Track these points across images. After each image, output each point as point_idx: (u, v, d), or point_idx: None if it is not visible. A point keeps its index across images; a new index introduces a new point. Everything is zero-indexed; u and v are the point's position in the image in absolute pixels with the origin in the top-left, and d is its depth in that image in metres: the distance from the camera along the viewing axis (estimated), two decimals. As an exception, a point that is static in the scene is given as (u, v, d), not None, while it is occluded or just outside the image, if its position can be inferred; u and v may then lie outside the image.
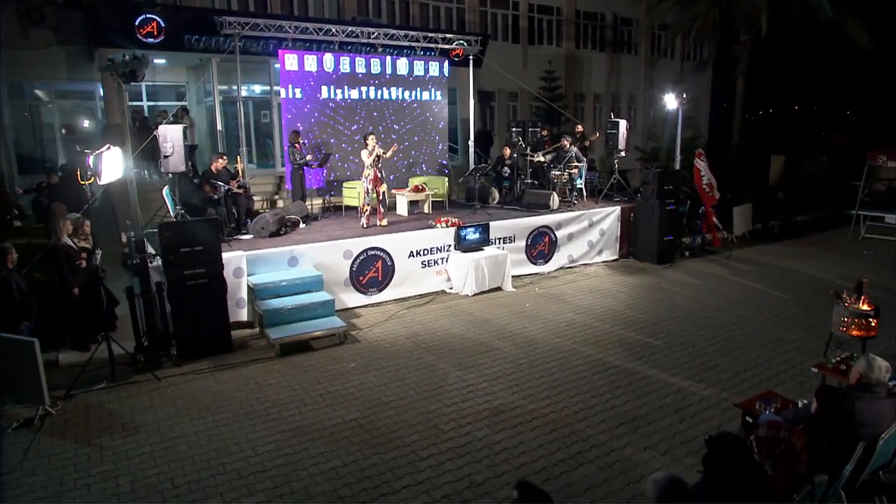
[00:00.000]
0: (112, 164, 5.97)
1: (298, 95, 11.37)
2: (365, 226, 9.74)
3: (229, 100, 17.93)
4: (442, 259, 9.59)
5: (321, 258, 8.46)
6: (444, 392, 6.02)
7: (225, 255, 7.78)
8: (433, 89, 13.15)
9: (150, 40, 12.50)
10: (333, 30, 11.43)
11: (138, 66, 6.28)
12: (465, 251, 9.57)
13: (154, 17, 12.34)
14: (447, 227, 9.59)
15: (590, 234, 11.26)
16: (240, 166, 10.08)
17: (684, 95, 11.61)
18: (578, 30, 23.22)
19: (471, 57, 13.23)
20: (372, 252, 8.86)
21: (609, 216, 11.47)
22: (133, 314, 6.81)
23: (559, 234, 10.81)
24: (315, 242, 8.63)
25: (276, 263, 8.18)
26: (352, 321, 8.24)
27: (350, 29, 11.68)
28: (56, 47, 14.33)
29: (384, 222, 9.89)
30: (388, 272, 9.06)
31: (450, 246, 9.62)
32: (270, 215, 9.00)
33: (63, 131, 15.58)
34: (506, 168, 12.70)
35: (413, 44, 12.36)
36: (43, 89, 15.54)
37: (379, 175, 9.83)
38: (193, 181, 8.62)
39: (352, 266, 8.70)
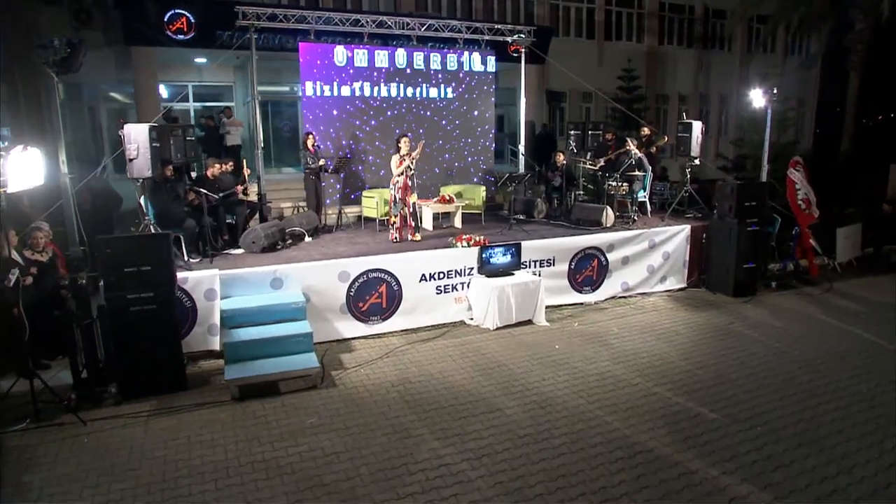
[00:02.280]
0: (27, 169, 4.99)
1: (320, 93, 10.27)
2: (396, 240, 8.50)
3: (276, 99, 17.39)
4: (462, 284, 8.11)
5: (311, 280, 7.22)
6: (404, 474, 4.55)
7: (195, 275, 6.73)
8: (480, 86, 11.69)
9: (181, 37, 11.89)
10: (362, 20, 10.24)
11: (73, 53, 5.29)
12: (489, 276, 8.05)
13: (183, 12, 11.69)
14: (469, 246, 8.10)
15: (650, 257, 9.39)
16: (246, 172, 9.08)
17: (774, 91, 9.46)
18: (662, 24, 21.01)
19: (524, 50, 11.65)
20: (374, 275, 7.53)
21: (676, 237, 9.53)
22: (71, 343, 5.84)
23: (611, 256, 9.03)
24: (308, 261, 7.41)
25: (256, 285, 7.02)
26: (341, 356, 6.94)
27: (381, 19, 10.45)
28: (105, 48, 14.11)
29: (417, 237, 8.62)
30: (395, 298, 7.69)
31: (472, 269, 8.13)
32: (263, 228, 7.89)
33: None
34: (556, 177, 11.02)
35: (454, 35, 10.95)
36: (119, 91, 15.49)
37: (409, 183, 8.54)
38: (177, 188, 7.65)
39: (349, 290, 7.41)
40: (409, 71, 10.95)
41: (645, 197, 10.44)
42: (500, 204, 12.41)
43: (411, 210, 8.59)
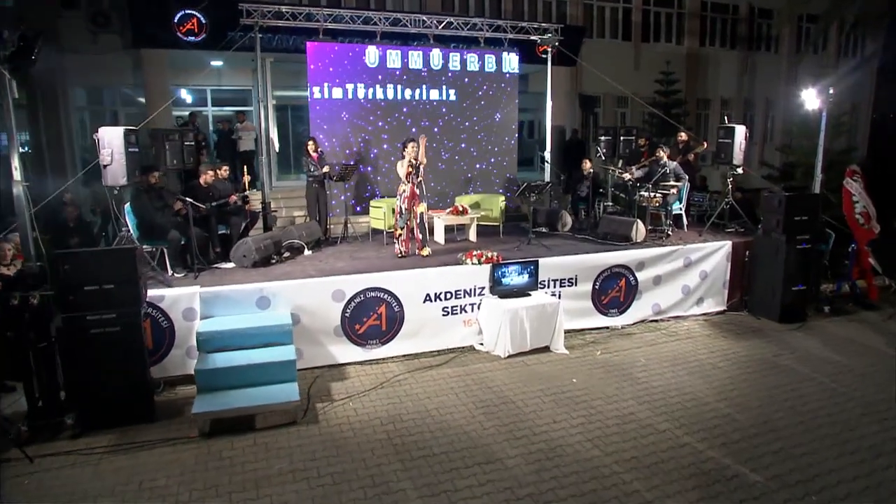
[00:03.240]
0: None
1: (328, 95, 9.66)
2: (402, 254, 7.78)
3: (296, 104, 16.90)
4: (472, 305, 7.33)
5: (302, 299, 6.55)
6: (375, 545, 3.81)
7: (172, 292, 6.14)
8: (502, 89, 10.92)
9: (192, 38, 11.46)
10: (375, 18, 9.60)
11: (25, 47, 4.74)
12: (502, 296, 7.25)
13: (193, 13, 11.26)
14: (480, 263, 7.32)
15: (686, 276, 8.44)
16: (245, 179, 8.50)
17: (831, 91, 8.41)
18: (704, 24, 19.83)
19: (550, 49, 10.83)
20: (372, 294, 6.81)
21: (715, 254, 8.56)
22: (25, 368, 5.28)
23: (641, 276, 8.13)
24: (301, 278, 6.75)
25: (240, 304, 6.38)
26: (331, 385, 6.24)
27: (395, 16, 9.78)
28: (122, 52, 13.84)
29: (426, 252, 7.86)
30: (395, 320, 6.96)
31: (483, 289, 7.34)
32: (255, 240, 7.27)
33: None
34: (583, 186, 10.15)
35: (475, 34, 10.21)
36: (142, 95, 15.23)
37: (416, 192, 7.82)
38: (164, 196, 7.09)
39: (344, 311, 6.72)
40: (424, 72, 10.26)
41: (681, 209, 9.49)
42: (524, 215, 11.59)
43: (419, 221, 7.85)
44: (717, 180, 14.66)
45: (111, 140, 5.96)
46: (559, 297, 7.61)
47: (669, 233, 8.98)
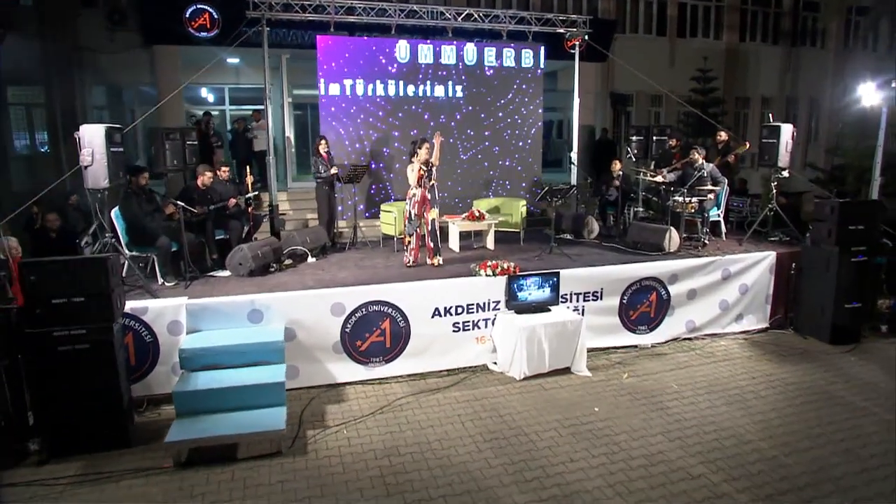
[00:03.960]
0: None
1: (339, 92, 9.15)
2: (410, 263, 7.21)
3: (315, 102, 16.46)
4: (486, 321, 6.70)
5: (298, 313, 6.01)
6: None
7: (157, 304, 5.67)
8: (526, 85, 10.27)
9: (204, 34, 11.07)
10: (389, 10, 9.04)
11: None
12: (519, 312, 6.60)
13: (205, 7, 10.88)
14: (494, 274, 6.68)
15: (724, 290, 7.66)
16: (248, 180, 8.03)
17: (894, 85, 7.53)
18: (745, 18, 18.83)
19: (578, 44, 10.12)
20: (375, 308, 6.24)
21: (757, 266, 7.76)
22: (-11, 387, 4.85)
23: (674, 289, 7.39)
24: (299, 289, 6.22)
25: (230, 317, 5.87)
26: (327, 408, 5.69)
27: (411, 8, 9.20)
28: (139, 49, 13.59)
29: (437, 261, 7.28)
30: (401, 337, 6.37)
31: (498, 303, 6.71)
32: (252, 247, 6.76)
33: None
34: (612, 189, 9.42)
35: (497, 26, 9.56)
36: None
37: (428, 196, 7.23)
38: (155, 199, 6.64)
39: (344, 326, 6.16)
40: (441, 67, 9.68)
41: (719, 216, 8.69)
42: (548, 219, 10.89)
43: (430, 228, 7.26)
44: (757, 183, 13.76)
45: (92, 139, 5.51)
46: (582, 313, 6.93)
47: (706, 242, 8.22)
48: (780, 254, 7.88)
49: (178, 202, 6.29)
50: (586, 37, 10.03)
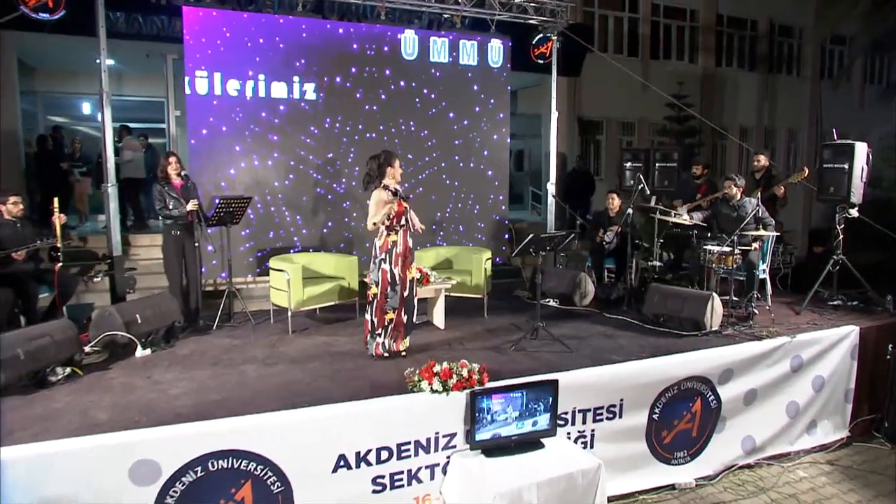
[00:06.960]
0: None
1: (219, 90, 6.25)
2: (374, 354, 4.49)
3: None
4: (431, 469, 3.81)
5: (62, 485, 2.99)
6: None
7: None
8: (486, 88, 7.64)
9: (44, 16, 7.97)
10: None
11: None
12: (490, 453, 3.76)
13: (46, -22, 7.83)
14: (446, 388, 3.81)
15: (793, 387, 5.07)
16: (56, 220, 4.98)
17: None
18: (721, 40, 17.05)
19: (555, 45, 7.62)
20: (223, 464, 3.28)
21: (835, 349, 5.23)
22: None
23: (725, 391, 4.73)
24: (67, 434, 3.20)
25: None
26: None
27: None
28: None
29: (403, 346, 4.59)
30: (276, 510, 3.42)
31: (452, 437, 3.84)
32: (19, 335, 3.71)
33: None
34: (608, 233, 6.76)
35: (448, 8, 6.91)
36: None
37: (410, 244, 4.55)
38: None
39: (162, 499, 3.16)
40: (368, 61, 6.94)
41: (765, 272, 6.12)
42: (517, 269, 8.15)
43: (407, 294, 4.47)
44: (790, 222, 11.54)
45: None
46: (590, 439, 4.18)
47: (755, 311, 5.62)
48: (863, 328, 5.35)
49: None
50: (561, 38, 7.60)
